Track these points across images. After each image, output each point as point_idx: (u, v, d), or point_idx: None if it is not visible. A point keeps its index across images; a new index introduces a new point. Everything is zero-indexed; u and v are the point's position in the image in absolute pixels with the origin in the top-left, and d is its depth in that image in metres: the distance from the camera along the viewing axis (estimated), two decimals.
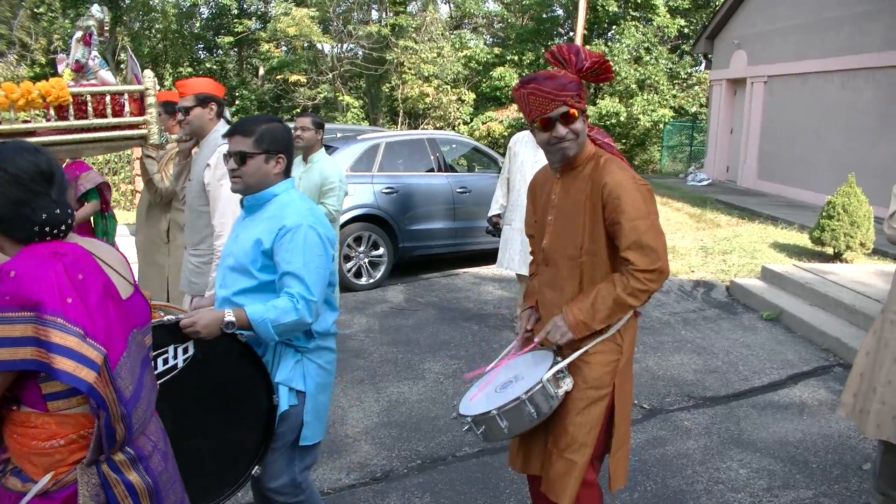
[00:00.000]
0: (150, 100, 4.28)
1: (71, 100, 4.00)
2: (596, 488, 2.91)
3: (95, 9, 4.50)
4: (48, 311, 1.79)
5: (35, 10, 24.05)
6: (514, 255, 6.29)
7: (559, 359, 2.84)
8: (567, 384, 2.78)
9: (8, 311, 1.77)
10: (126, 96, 4.14)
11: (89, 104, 4.01)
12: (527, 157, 6.17)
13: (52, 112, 3.92)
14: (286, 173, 2.95)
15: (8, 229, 1.91)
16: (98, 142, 4.20)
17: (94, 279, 1.93)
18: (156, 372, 2.45)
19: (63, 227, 1.95)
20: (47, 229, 1.91)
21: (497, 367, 3.05)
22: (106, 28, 4.54)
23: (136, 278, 2.81)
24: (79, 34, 4.43)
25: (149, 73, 4.25)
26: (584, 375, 2.81)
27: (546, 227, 2.95)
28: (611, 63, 2.84)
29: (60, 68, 4.56)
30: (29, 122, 3.84)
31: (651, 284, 2.70)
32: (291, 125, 4.74)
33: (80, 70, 4.42)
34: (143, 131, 4.35)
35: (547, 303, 2.97)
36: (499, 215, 6.58)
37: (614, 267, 2.78)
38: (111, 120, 4.19)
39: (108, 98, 4.16)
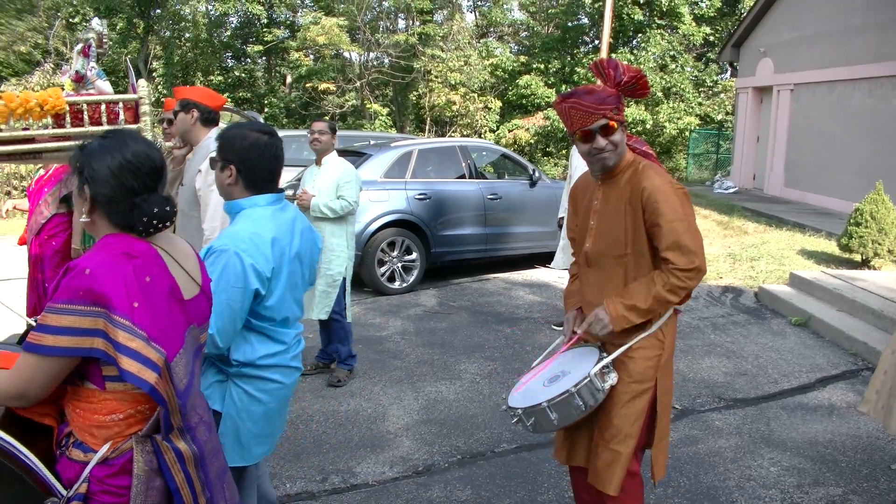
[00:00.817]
0: (144, 108, 4.45)
1: (67, 108, 4.17)
2: (639, 478, 3.06)
3: (95, 22, 4.68)
4: (117, 311, 1.94)
5: (70, 19, 24.53)
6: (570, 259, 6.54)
7: (604, 354, 2.99)
8: (612, 378, 2.92)
9: (81, 305, 1.93)
10: (121, 105, 4.30)
11: (85, 113, 4.12)
12: (581, 164, 6.42)
13: (49, 120, 4.05)
14: (250, 184, 2.82)
15: (111, 212, 2.06)
16: None
17: (160, 281, 2.08)
18: None
19: (168, 223, 2.11)
20: (155, 222, 2.07)
21: (544, 363, 3.20)
22: (105, 41, 4.69)
23: None
24: (79, 46, 4.59)
25: (143, 82, 4.39)
26: (628, 370, 2.95)
27: (588, 231, 3.10)
28: (647, 78, 3.00)
29: (63, 79, 4.70)
30: (28, 129, 3.97)
31: (690, 282, 2.84)
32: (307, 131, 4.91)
33: (80, 81, 4.54)
34: None
35: (590, 302, 3.11)
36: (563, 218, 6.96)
37: (655, 265, 2.92)
38: (106, 128, 4.24)
39: (103, 107, 4.32)
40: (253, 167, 2.79)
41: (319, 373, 6.04)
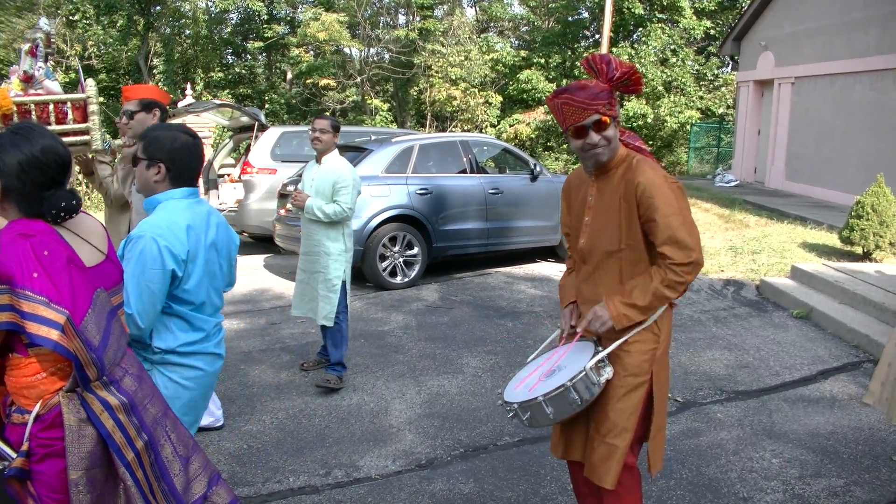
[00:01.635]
0: (93, 107, 4.44)
1: (15, 108, 4.16)
2: (636, 472, 3.06)
3: (43, 22, 4.69)
4: (18, 285, 2.17)
5: (70, 17, 24.53)
6: None
7: (600, 348, 2.98)
8: (608, 372, 2.91)
9: None
10: (69, 105, 4.28)
11: (33, 112, 4.13)
12: None
13: None
14: (176, 182, 2.96)
15: (20, 202, 2.30)
16: None
17: (58, 254, 2.29)
18: None
19: (74, 214, 2.37)
20: (63, 214, 2.32)
21: (540, 358, 3.20)
22: (53, 41, 4.70)
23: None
24: (27, 46, 4.57)
25: (91, 81, 4.38)
26: (623, 364, 2.95)
27: (583, 227, 3.08)
28: (641, 74, 2.98)
29: (12, 80, 4.66)
30: None
31: (687, 276, 2.83)
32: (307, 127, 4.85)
33: (29, 81, 4.53)
34: (86, 138, 4.52)
35: (586, 298, 3.11)
36: None
37: (651, 260, 2.92)
38: (55, 127, 4.29)
39: (51, 106, 4.33)
40: (183, 167, 2.96)
41: (322, 368, 6.04)
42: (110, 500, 2.39)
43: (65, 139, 4.42)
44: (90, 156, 5.05)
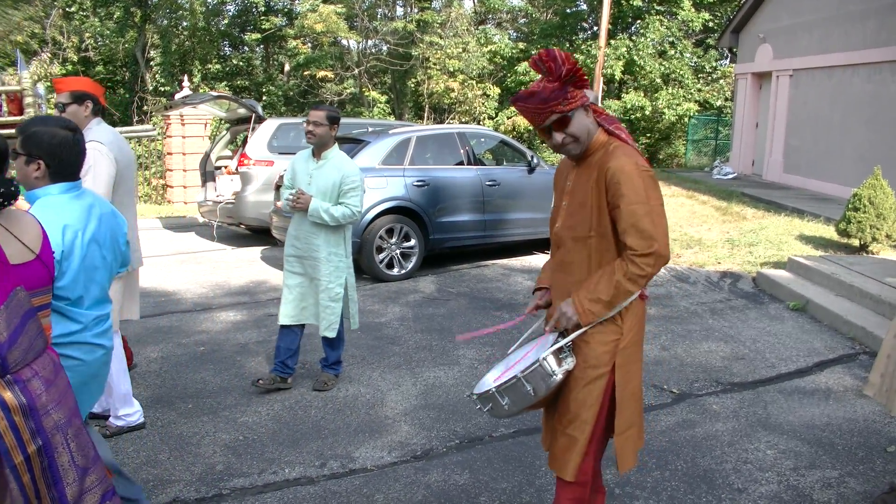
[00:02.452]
0: (29, 100, 4.44)
1: None
2: (596, 464, 3.03)
3: None
4: None
5: (67, 9, 24.43)
6: None
7: (560, 338, 2.95)
8: (569, 363, 2.88)
9: None
10: (3, 97, 4.27)
11: None
12: None
13: None
14: (56, 178, 2.98)
15: None
16: None
17: None
18: None
19: (10, 203, 2.39)
20: (1, 201, 2.35)
21: (520, 350, 3.21)
22: None
23: None
24: None
25: (26, 73, 4.39)
26: (584, 355, 2.91)
27: (560, 212, 3.07)
28: (583, 70, 2.86)
29: None
30: None
31: (648, 269, 2.76)
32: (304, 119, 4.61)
33: None
34: None
35: (557, 284, 3.10)
36: None
37: (619, 250, 2.86)
38: None
39: None
40: (63, 163, 2.98)
41: (279, 385, 5.68)
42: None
43: (1, 131, 4.46)
44: None
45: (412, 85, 27.76)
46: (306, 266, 5.38)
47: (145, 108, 25.43)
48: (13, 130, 4.49)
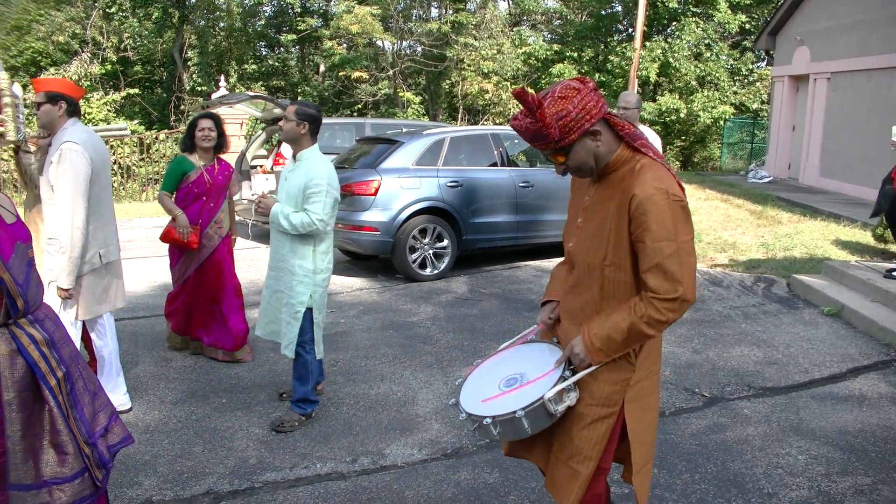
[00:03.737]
0: (6, 99, 4.51)
1: None
2: (602, 498, 2.89)
3: None
4: None
5: (107, 9, 24.81)
6: None
7: (567, 374, 2.73)
8: (571, 398, 2.70)
9: None
10: None
11: None
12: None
13: None
14: None
15: None
16: None
17: None
18: None
19: None
20: None
21: (508, 355, 3.08)
22: None
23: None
24: None
25: (4, 74, 4.45)
26: (591, 391, 2.72)
27: (575, 229, 2.85)
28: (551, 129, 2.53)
29: None
30: None
31: (670, 315, 2.53)
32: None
33: None
34: (0, 129, 4.62)
35: (567, 307, 2.90)
36: None
37: (637, 285, 2.64)
38: None
39: None
40: None
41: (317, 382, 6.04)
42: (37, 419, 2.69)
43: None
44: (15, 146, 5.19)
45: (446, 86, 27.83)
46: (274, 278, 4.94)
47: (182, 107, 25.77)
48: None
